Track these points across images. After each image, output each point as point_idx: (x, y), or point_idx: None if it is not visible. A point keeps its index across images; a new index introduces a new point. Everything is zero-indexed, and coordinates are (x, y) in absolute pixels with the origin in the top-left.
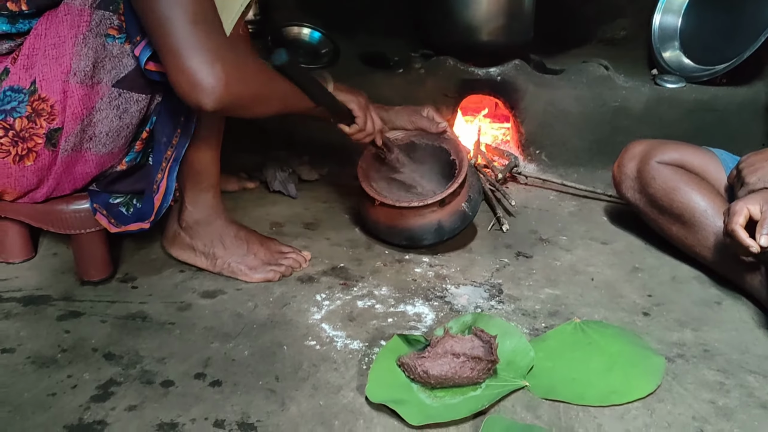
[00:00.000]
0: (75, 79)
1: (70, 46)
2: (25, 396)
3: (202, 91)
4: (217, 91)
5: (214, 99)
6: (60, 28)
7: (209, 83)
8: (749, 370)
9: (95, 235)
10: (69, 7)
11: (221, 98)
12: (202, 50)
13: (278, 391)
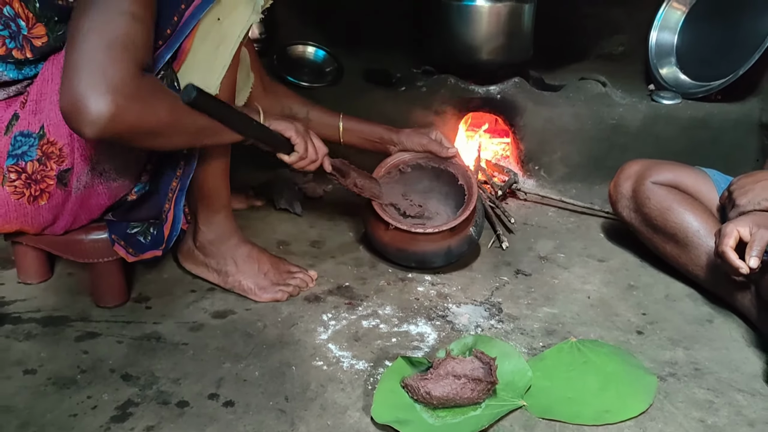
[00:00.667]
0: None
1: None
2: (48, 417)
3: (81, 118)
4: (101, 122)
5: (95, 129)
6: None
7: (94, 112)
8: (738, 389)
9: (112, 264)
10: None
11: (102, 130)
12: (100, 76)
13: (288, 412)
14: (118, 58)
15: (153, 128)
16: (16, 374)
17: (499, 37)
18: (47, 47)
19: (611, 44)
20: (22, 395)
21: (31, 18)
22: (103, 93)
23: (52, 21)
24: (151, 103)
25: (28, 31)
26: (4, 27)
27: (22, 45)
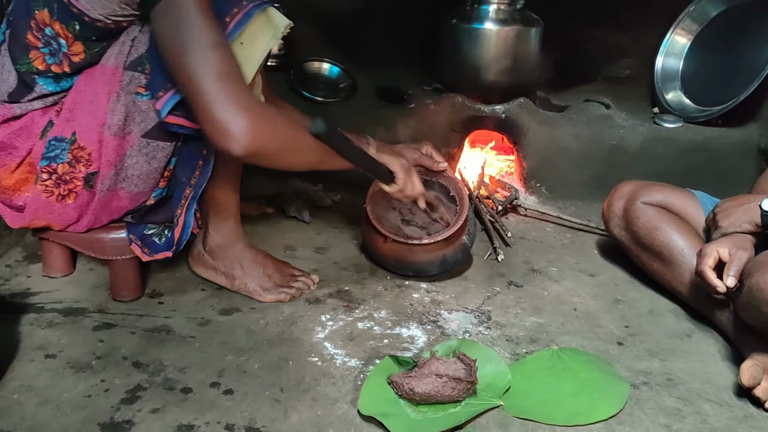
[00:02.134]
0: (109, 131)
1: (104, 102)
2: (65, 396)
3: (231, 140)
4: (246, 139)
5: (242, 146)
6: (96, 86)
7: (238, 132)
8: (707, 399)
9: (129, 262)
10: (104, 67)
11: (249, 146)
12: (230, 103)
13: (282, 401)
14: (231, 85)
15: (282, 145)
16: (38, 358)
17: (506, 59)
18: (83, 62)
19: (618, 67)
20: (43, 377)
21: (70, 37)
22: (239, 115)
23: (90, 40)
24: (275, 122)
25: (67, 49)
26: (45, 45)
27: (60, 61)
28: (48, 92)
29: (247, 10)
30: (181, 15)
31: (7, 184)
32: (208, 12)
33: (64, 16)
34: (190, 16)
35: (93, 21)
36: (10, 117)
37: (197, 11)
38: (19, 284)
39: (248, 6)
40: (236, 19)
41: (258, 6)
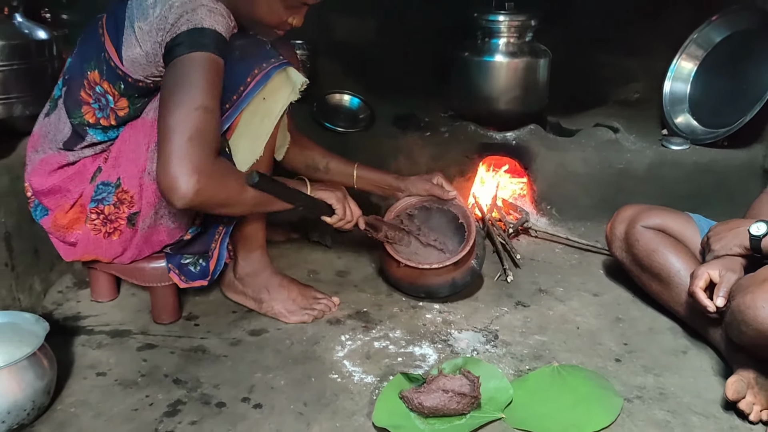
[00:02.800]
0: (149, 177)
1: (144, 151)
2: (115, 410)
3: (174, 194)
4: (187, 197)
5: (182, 201)
6: (138, 137)
7: (182, 189)
8: (695, 412)
9: (168, 288)
10: (144, 120)
11: (189, 202)
12: (186, 163)
13: (305, 414)
14: (198, 147)
15: (224, 200)
16: (90, 375)
17: (515, 89)
18: (128, 116)
19: (627, 91)
20: (95, 392)
21: (116, 95)
22: (189, 175)
23: (133, 97)
24: (224, 182)
25: (114, 104)
26: (96, 101)
27: (108, 115)
28: (97, 141)
29: (267, 71)
30: (185, 74)
31: (62, 223)
32: (211, 79)
33: (111, 77)
34: (192, 78)
35: (135, 81)
36: (65, 163)
37: (199, 73)
38: (70, 308)
39: (268, 67)
40: (257, 79)
41: (277, 67)
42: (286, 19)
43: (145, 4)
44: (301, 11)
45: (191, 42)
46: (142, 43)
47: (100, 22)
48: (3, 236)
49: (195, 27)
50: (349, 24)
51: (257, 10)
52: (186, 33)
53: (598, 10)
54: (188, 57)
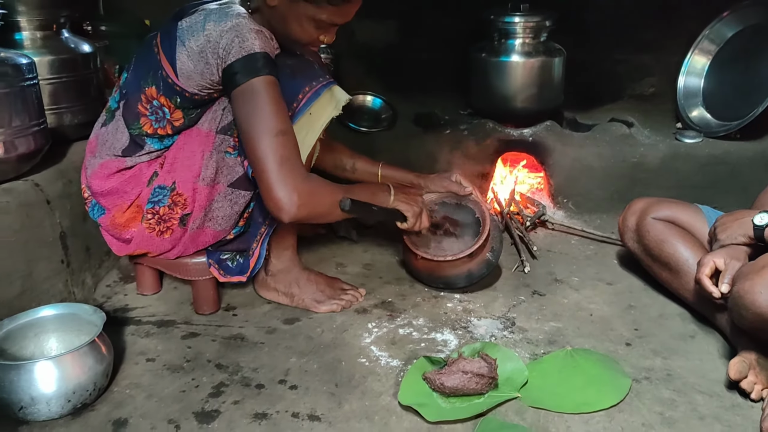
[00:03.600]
0: (202, 182)
1: (199, 159)
2: (165, 391)
3: (283, 213)
4: (292, 214)
5: (289, 218)
6: (193, 146)
7: (288, 209)
8: (700, 391)
9: (208, 282)
10: (199, 131)
11: (295, 218)
12: (284, 185)
13: (337, 394)
14: (289, 169)
15: (323, 212)
16: (141, 361)
17: (531, 87)
18: (182, 126)
19: (642, 86)
20: (146, 376)
21: (172, 107)
22: (291, 194)
23: (188, 108)
24: (320, 198)
25: (170, 116)
26: (152, 113)
27: (165, 125)
28: (154, 149)
29: (316, 89)
30: (254, 102)
31: (119, 222)
32: (276, 100)
33: (168, 91)
34: (261, 105)
35: (191, 95)
36: (123, 168)
37: (267, 100)
38: (118, 301)
39: (317, 86)
40: (307, 97)
41: (325, 86)
42: (318, 37)
43: (195, 25)
44: (332, 30)
45: (248, 69)
46: (193, 60)
47: (154, 41)
48: (59, 235)
49: (248, 54)
50: (371, 27)
51: (291, 30)
52: (241, 60)
53: (611, 8)
54: (250, 85)
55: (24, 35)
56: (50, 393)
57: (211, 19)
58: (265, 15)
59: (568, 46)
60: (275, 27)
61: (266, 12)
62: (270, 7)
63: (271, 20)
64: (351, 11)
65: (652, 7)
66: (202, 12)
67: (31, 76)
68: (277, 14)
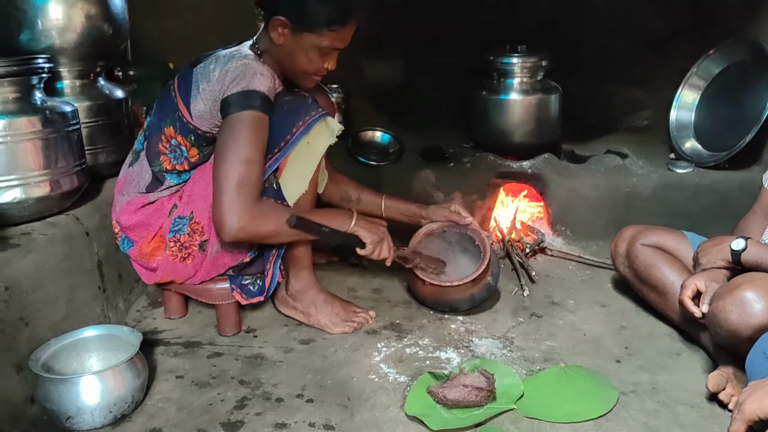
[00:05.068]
0: None
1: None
2: (194, 404)
3: (223, 232)
4: (232, 235)
5: (228, 238)
6: (207, 178)
7: (228, 228)
8: (682, 403)
9: (231, 306)
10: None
11: (233, 238)
12: (233, 207)
13: (349, 407)
14: (242, 193)
15: (266, 235)
16: (171, 378)
17: (530, 123)
18: (198, 161)
19: (636, 119)
20: (177, 391)
21: (188, 145)
22: (234, 216)
23: (202, 145)
24: (263, 222)
25: (187, 153)
26: (171, 151)
27: (182, 162)
28: (173, 184)
29: (309, 122)
30: (236, 130)
31: (146, 251)
32: (256, 133)
33: (184, 130)
34: (240, 133)
35: (203, 133)
36: (147, 203)
37: (247, 131)
38: (148, 324)
39: (309, 120)
40: (301, 129)
41: (317, 119)
42: (323, 65)
43: (207, 69)
44: (334, 55)
45: (242, 102)
46: (205, 101)
47: (172, 87)
48: (96, 264)
49: (245, 89)
50: (379, 67)
51: (298, 62)
52: (238, 94)
53: (605, 46)
54: (238, 115)
55: (65, 83)
56: (94, 404)
57: (220, 62)
58: (273, 54)
59: (565, 82)
60: (283, 63)
61: (274, 51)
62: (277, 45)
63: (280, 57)
64: (349, 35)
65: (643, 45)
66: (214, 57)
67: (74, 122)
68: (285, 51)
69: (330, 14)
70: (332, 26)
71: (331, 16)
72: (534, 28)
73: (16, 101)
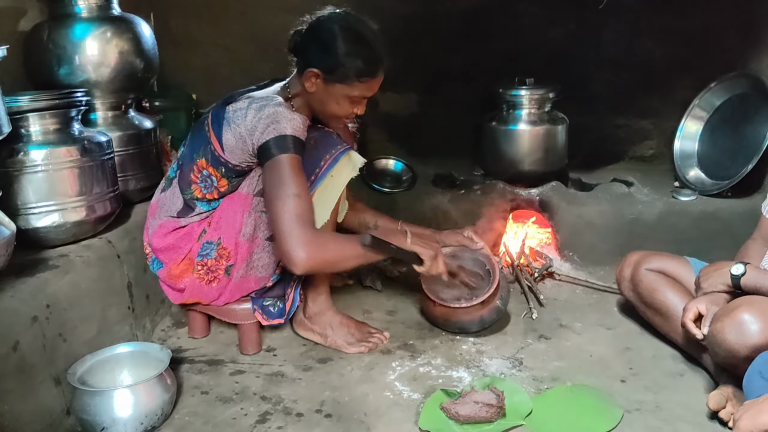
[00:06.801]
0: (243, 237)
1: (240, 217)
2: (219, 418)
3: (294, 265)
4: (303, 265)
5: (300, 269)
6: (235, 207)
7: (298, 261)
8: (684, 420)
9: (253, 325)
10: (240, 194)
11: (305, 269)
12: (296, 239)
13: (366, 422)
14: (299, 224)
15: (332, 260)
16: (196, 394)
17: (538, 152)
18: (226, 191)
19: (642, 149)
20: (202, 406)
21: (218, 176)
22: (300, 248)
23: (231, 177)
24: (327, 248)
25: (217, 183)
26: (202, 181)
27: (212, 191)
28: (203, 211)
29: (336, 156)
30: (277, 171)
31: (175, 273)
32: (296, 172)
33: (215, 163)
34: (284, 174)
35: (234, 166)
36: (178, 227)
37: (287, 170)
38: (173, 343)
39: (336, 153)
40: (328, 163)
41: (343, 152)
42: (352, 111)
43: (240, 110)
44: (363, 102)
45: (278, 147)
46: (236, 138)
47: (206, 121)
48: (126, 285)
49: (279, 135)
50: (393, 99)
51: (329, 108)
52: (274, 139)
53: (611, 79)
54: (278, 159)
55: (98, 115)
56: (127, 416)
57: (253, 107)
58: (304, 98)
59: (573, 113)
60: (315, 108)
61: (305, 96)
62: (310, 93)
63: (311, 101)
64: (378, 84)
65: (648, 77)
66: (247, 100)
67: (109, 151)
68: (317, 98)
69: (360, 67)
70: (362, 78)
71: (362, 69)
72: (542, 60)
73: (57, 132)
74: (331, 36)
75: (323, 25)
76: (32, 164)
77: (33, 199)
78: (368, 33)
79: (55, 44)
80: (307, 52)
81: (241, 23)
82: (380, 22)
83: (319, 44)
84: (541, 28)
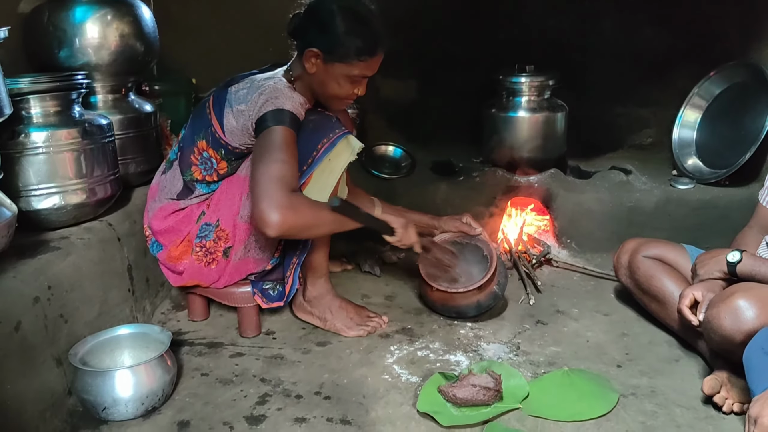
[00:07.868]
0: (241, 219)
1: (238, 199)
2: (219, 400)
3: (267, 226)
4: (275, 227)
5: (273, 231)
6: (233, 189)
7: (271, 222)
8: (678, 405)
9: (252, 308)
10: (239, 176)
11: (278, 231)
12: (271, 199)
13: (364, 404)
14: (277, 187)
15: (305, 225)
16: (196, 376)
17: (537, 139)
18: (226, 173)
19: (641, 137)
20: (202, 388)
21: (218, 158)
22: (274, 209)
23: (231, 159)
24: (301, 211)
25: (216, 165)
26: (202, 163)
27: (212, 173)
28: (203, 193)
29: (333, 140)
30: (268, 140)
31: (174, 255)
32: (288, 143)
33: (215, 145)
34: (272, 141)
35: (234, 148)
36: (177, 209)
37: (279, 140)
38: (173, 326)
39: (334, 137)
40: (325, 146)
41: (340, 137)
42: (353, 91)
43: (241, 91)
44: (363, 82)
45: (273, 118)
46: (237, 119)
47: (207, 103)
48: (126, 268)
49: (277, 108)
50: (393, 85)
51: (330, 89)
52: (271, 112)
53: (610, 67)
54: (271, 129)
55: (98, 98)
56: (128, 397)
57: (254, 88)
58: (305, 81)
59: (572, 101)
60: (316, 89)
61: (306, 78)
62: (310, 74)
63: (312, 84)
64: (378, 63)
65: (647, 66)
66: (249, 81)
67: (110, 134)
68: (317, 79)
69: (360, 46)
70: (362, 56)
71: (361, 47)
72: (542, 48)
73: (57, 114)
74: (329, 16)
75: (322, 5)
76: (33, 146)
77: (34, 181)
78: (367, 12)
79: (55, 27)
80: (306, 34)
81: (241, 7)
82: (381, 8)
83: (318, 24)
84: (541, 16)
